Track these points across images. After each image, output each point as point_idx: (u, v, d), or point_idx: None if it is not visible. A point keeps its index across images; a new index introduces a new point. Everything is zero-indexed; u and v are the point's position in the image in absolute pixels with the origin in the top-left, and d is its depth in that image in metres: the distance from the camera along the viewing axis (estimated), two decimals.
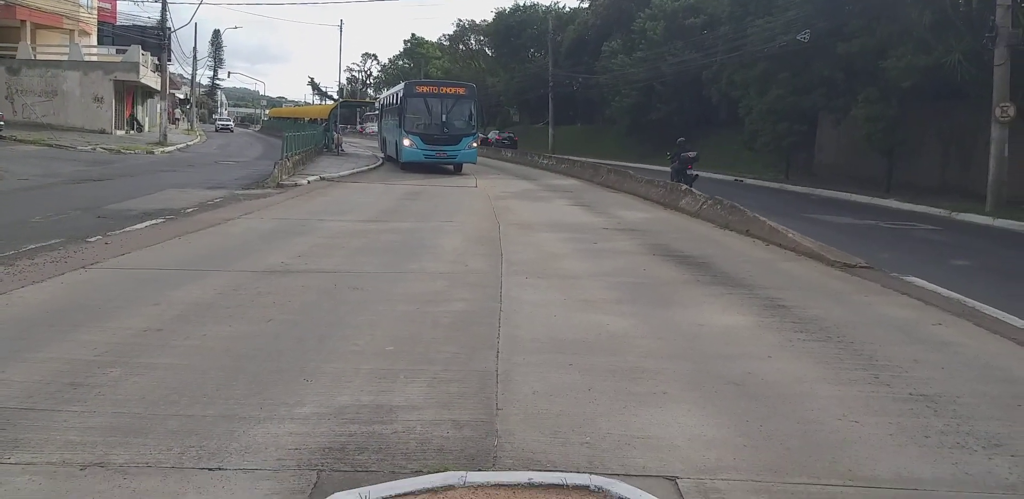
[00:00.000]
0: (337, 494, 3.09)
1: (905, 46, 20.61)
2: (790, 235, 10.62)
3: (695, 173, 20.11)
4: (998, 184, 17.91)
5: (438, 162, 25.01)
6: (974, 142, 21.29)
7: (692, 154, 20.30)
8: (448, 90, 25.78)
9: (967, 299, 7.49)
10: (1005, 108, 17.69)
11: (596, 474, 3.33)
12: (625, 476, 3.37)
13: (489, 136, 50.10)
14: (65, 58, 35.46)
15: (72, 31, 38.68)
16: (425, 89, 25.97)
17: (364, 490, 3.09)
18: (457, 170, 25.69)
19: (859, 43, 22.70)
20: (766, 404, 4.38)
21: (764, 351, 5.45)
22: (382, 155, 31.80)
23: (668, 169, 21.27)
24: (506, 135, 54.51)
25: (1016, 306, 7.21)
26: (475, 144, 25.69)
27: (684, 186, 16.18)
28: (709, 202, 14.17)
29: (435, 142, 24.48)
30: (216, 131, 66.29)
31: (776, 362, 5.19)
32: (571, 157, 33.77)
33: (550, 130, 52.38)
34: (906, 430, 4.06)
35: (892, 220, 16.44)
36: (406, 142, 24.59)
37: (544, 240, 10.83)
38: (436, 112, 24.77)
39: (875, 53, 22.24)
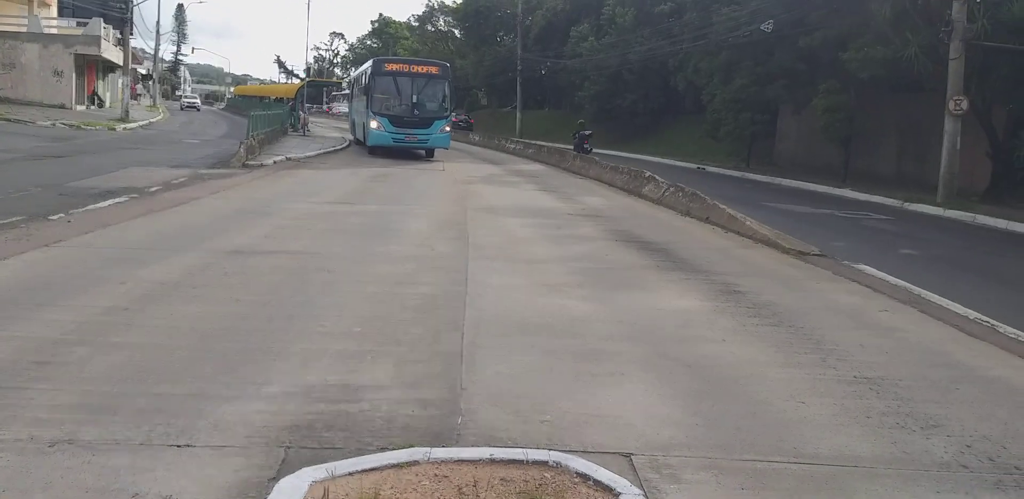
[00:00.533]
0: (304, 469, 3.20)
1: (864, 38, 20.98)
2: (748, 223, 10.87)
3: (590, 147, 28.20)
4: (950, 176, 18.41)
5: (408, 146, 23.48)
6: (929, 134, 21.79)
7: (587, 132, 29.22)
8: (420, 69, 23.91)
9: (913, 287, 7.79)
10: (958, 101, 18.14)
11: (555, 450, 3.48)
12: (583, 452, 3.53)
13: None
14: (24, 30, 34.50)
15: (31, 2, 37.55)
16: (395, 67, 24.14)
17: (331, 465, 3.20)
18: (429, 155, 24.32)
19: (821, 35, 23.07)
20: (718, 385, 4.58)
21: (718, 335, 5.65)
22: (351, 137, 30.54)
23: (627, 155, 25.33)
24: (462, 117, 54.19)
25: (959, 294, 7.55)
26: (448, 128, 23.91)
27: (647, 173, 16.40)
28: (671, 190, 14.40)
29: (405, 125, 22.81)
30: (181, 109, 61.72)
31: (729, 345, 5.40)
32: (538, 142, 33.87)
33: (518, 114, 52.35)
34: (849, 411, 4.28)
35: (847, 209, 16.85)
36: (373, 124, 23.03)
37: (510, 225, 10.95)
38: (406, 92, 23.15)
39: (836, 45, 22.61)
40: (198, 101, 72.78)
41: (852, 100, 23.51)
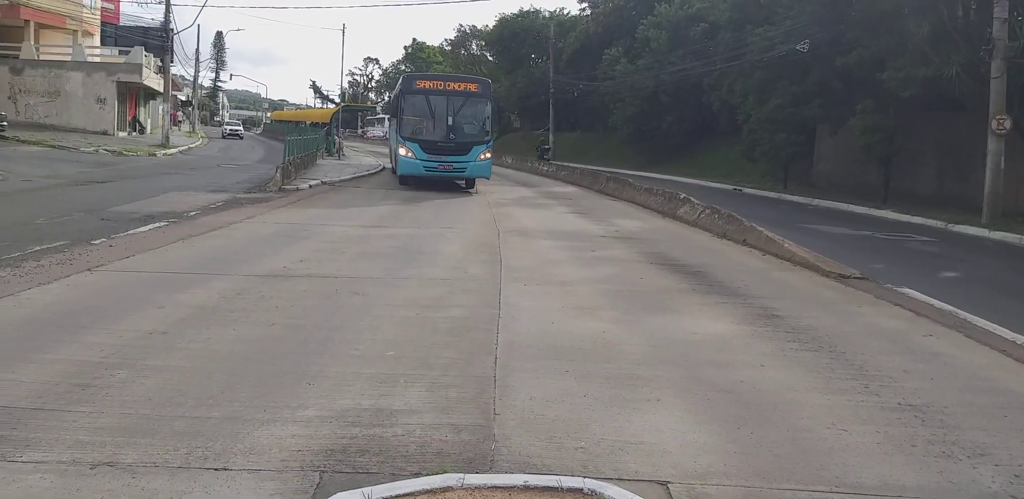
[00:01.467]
0: (339, 494, 3.20)
1: (903, 58, 20.75)
2: (786, 245, 10.73)
3: (549, 156, 35.11)
4: (994, 196, 18.03)
5: (442, 176, 20.34)
6: (971, 154, 21.43)
7: (547, 146, 36.84)
8: (456, 86, 20.63)
9: (958, 311, 7.60)
10: (1001, 121, 17.83)
11: (590, 477, 3.43)
12: (618, 480, 3.47)
13: None
14: (68, 58, 35.58)
15: (75, 31, 38.77)
16: (427, 84, 20.87)
17: (365, 490, 3.20)
18: (468, 186, 21.43)
19: (857, 54, 22.85)
20: (757, 412, 4.49)
21: (756, 360, 5.56)
22: (391, 165, 27.73)
23: (661, 176, 26.22)
24: None
25: (1006, 318, 7.35)
26: (488, 154, 20.63)
27: (683, 195, 16.32)
28: (707, 211, 14.30)
29: (438, 151, 19.86)
30: (223, 137, 55.23)
31: (768, 370, 5.30)
32: (571, 164, 33.98)
33: (550, 137, 52.57)
34: (893, 439, 4.17)
35: (888, 231, 16.56)
36: (402, 151, 20.23)
37: (543, 247, 10.95)
38: (440, 113, 20.13)
39: (873, 64, 22.38)
40: (241, 128, 63.83)
41: (891, 120, 23.20)
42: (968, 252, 14.12)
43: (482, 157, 20.37)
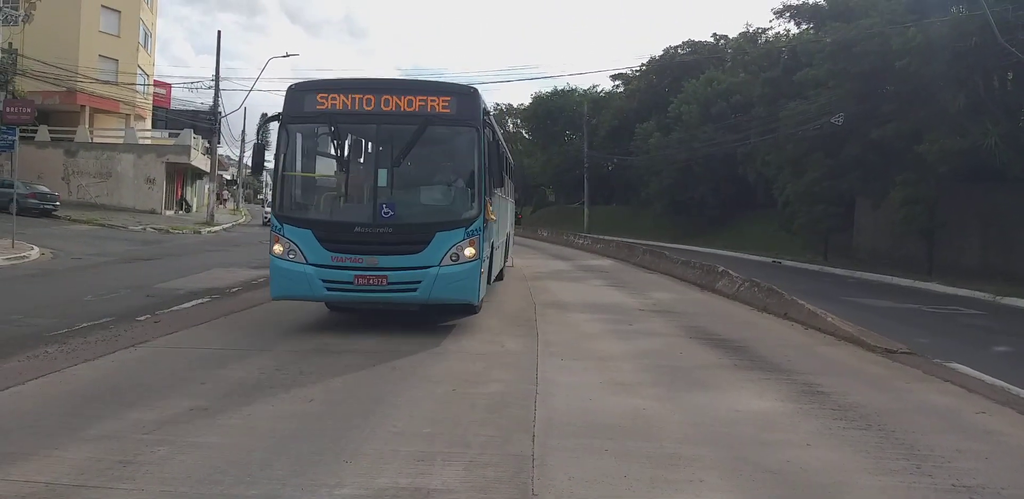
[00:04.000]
0: None
1: (939, 130, 20.77)
2: (829, 319, 10.55)
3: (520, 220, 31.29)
4: None
5: (365, 299, 9.02)
6: (1017, 224, 21.11)
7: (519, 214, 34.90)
8: (402, 103, 8.72)
9: (1011, 386, 7.36)
10: None
11: None
12: None
13: None
14: (120, 141, 37.27)
15: (128, 115, 40.78)
16: (337, 101, 8.79)
17: None
18: (468, 311, 10.07)
19: (893, 127, 22.96)
20: (804, 493, 4.34)
21: (802, 439, 5.40)
22: None
23: (697, 249, 24.02)
24: None
25: None
26: (471, 250, 8.80)
27: (721, 267, 16.23)
28: (746, 284, 14.17)
29: (355, 245, 8.68)
30: (264, 224, 41.68)
31: (815, 450, 5.14)
32: (606, 237, 34.11)
33: (585, 210, 53.16)
34: None
35: (934, 304, 16.20)
36: (277, 248, 8.86)
37: (580, 321, 10.89)
38: (364, 161, 9.98)
39: (910, 136, 22.42)
40: None
41: (932, 191, 23.00)
42: (1019, 325, 13.73)
43: (458, 256, 8.80)
